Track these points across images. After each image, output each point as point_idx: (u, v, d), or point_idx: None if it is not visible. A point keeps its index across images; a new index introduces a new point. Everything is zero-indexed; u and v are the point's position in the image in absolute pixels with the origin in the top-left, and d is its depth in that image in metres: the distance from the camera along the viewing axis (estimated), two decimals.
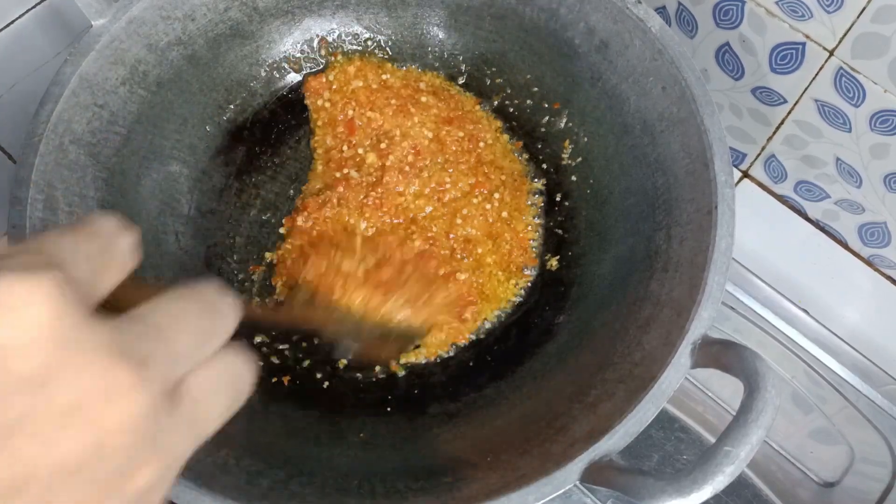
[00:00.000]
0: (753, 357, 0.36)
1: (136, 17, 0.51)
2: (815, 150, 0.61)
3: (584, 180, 0.56)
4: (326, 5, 0.60)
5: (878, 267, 0.65)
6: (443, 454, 0.46)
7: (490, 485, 0.40)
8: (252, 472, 0.42)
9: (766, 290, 0.64)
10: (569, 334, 0.51)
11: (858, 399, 0.61)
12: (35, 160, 0.45)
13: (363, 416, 0.50)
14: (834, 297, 0.65)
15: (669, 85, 0.49)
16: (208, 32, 0.55)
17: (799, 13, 0.53)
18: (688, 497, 0.34)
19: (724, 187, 0.45)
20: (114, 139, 0.51)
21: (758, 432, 0.34)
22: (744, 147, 0.67)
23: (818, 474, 0.59)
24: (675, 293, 0.44)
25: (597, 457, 0.38)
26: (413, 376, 0.52)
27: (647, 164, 0.51)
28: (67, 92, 0.47)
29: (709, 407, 0.60)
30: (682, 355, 0.40)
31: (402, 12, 0.60)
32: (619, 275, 0.51)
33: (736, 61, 0.60)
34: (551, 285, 0.54)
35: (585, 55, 0.55)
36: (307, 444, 0.47)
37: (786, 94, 0.59)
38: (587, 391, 0.44)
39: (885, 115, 0.54)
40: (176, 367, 0.22)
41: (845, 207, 0.63)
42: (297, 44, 0.60)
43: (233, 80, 0.58)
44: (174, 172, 0.55)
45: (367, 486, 0.43)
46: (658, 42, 0.49)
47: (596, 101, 0.55)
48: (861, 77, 0.54)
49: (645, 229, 0.50)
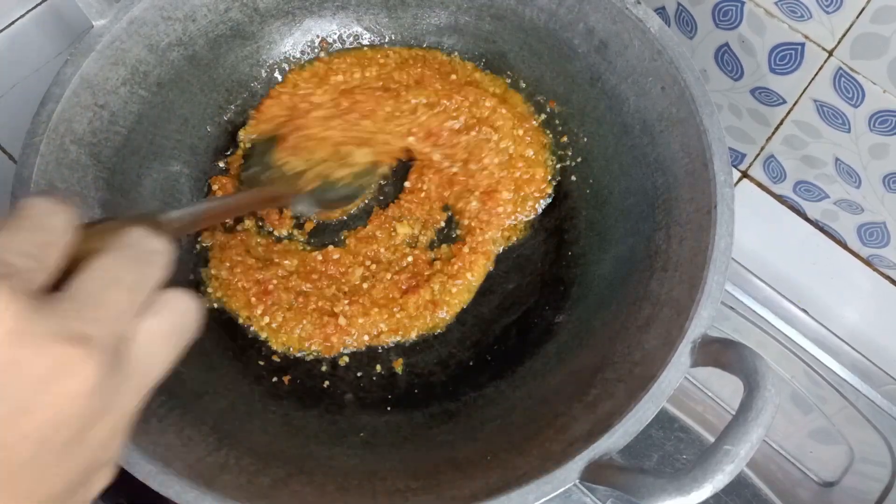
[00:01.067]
0: (753, 356, 0.36)
1: (137, 18, 0.51)
2: (814, 150, 0.61)
3: (584, 180, 0.56)
4: (327, 6, 0.60)
5: (878, 267, 0.66)
6: (443, 454, 0.46)
7: (490, 484, 0.40)
8: (252, 472, 0.42)
9: (766, 289, 0.64)
10: (569, 334, 0.51)
11: (858, 399, 0.61)
12: (36, 160, 0.45)
13: (363, 415, 0.50)
14: (833, 297, 0.65)
15: (669, 85, 0.49)
16: (209, 33, 0.56)
17: (798, 13, 0.53)
18: (688, 496, 0.34)
19: (724, 187, 0.45)
20: (114, 139, 0.51)
21: (757, 431, 0.34)
22: (743, 147, 0.67)
23: (818, 474, 0.59)
24: (674, 293, 0.44)
25: (597, 456, 0.38)
26: (413, 376, 0.52)
27: (646, 164, 0.51)
28: (68, 92, 0.47)
29: (708, 406, 0.60)
30: (682, 354, 0.40)
31: (402, 13, 0.61)
32: (619, 275, 0.51)
33: (735, 62, 0.60)
34: (551, 285, 0.54)
35: (585, 55, 0.55)
36: (307, 443, 0.47)
37: (785, 94, 0.59)
38: (587, 391, 0.45)
39: (885, 116, 0.54)
40: (116, 328, 0.24)
41: (844, 207, 0.63)
42: (297, 44, 0.60)
43: (233, 81, 0.58)
44: (175, 172, 0.55)
45: (368, 485, 0.43)
46: (657, 42, 0.49)
47: (595, 102, 0.56)
48: (860, 77, 0.54)
49: (645, 229, 0.50)
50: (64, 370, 0.22)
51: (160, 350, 0.26)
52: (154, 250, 0.27)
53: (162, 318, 0.26)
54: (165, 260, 0.27)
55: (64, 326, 0.23)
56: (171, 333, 0.26)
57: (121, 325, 0.25)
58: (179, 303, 0.27)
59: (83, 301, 0.24)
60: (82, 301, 0.24)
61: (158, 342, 0.26)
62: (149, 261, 0.26)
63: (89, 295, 0.24)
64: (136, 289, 0.25)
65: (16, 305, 0.22)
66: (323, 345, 0.51)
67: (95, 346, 0.23)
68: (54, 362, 0.22)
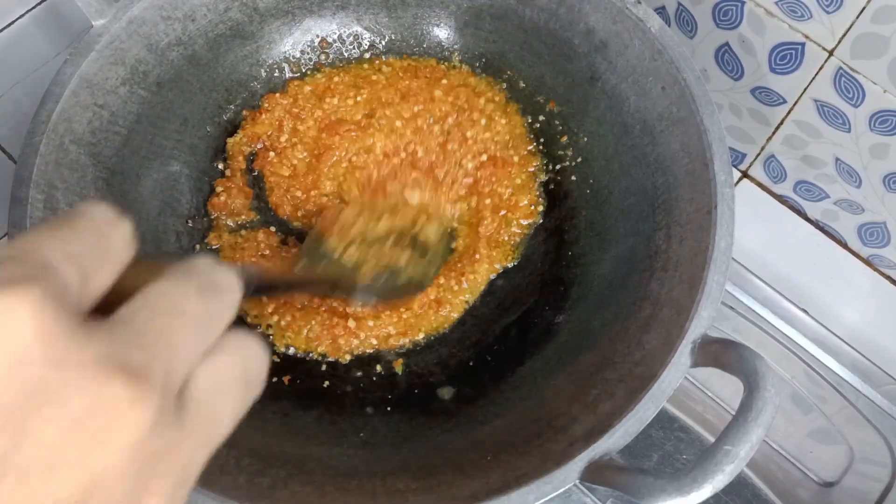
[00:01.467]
0: (753, 356, 0.36)
1: (137, 18, 0.51)
2: (814, 150, 0.61)
3: (584, 180, 0.56)
4: (326, 6, 0.60)
5: (878, 267, 0.66)
6: (443, 454, 0.46)
7: (490, 484, 0.40)
8: (252, 472, 0.42)
9: (766, 289, 0.64)
10: (569, 334, 0.51)
11: (858, 399, 0.61)
12: (35, 160, 0.45)
13: (363, 415, 0.50)
14: (833, 297, 0.65)
15: (669, 85, 0.49)
16: (208, 33, 0.55)
17: (798, 13, 0.53)
18: (688, 496, 0.34)
19: (724, 187, 0.45)
20: (114, 139, 0.51)
21: (757, 431, 0.34)
22: (743, 147, 0.67)
23: (818, 474, 0.59)
24: (674, 293, 0.44)
25: (597, 456, 0.38)
26: (413, 376, 0.52)
27: (646, 164, 0.51)
28: (68, 92, 0.47)
29: (709, 407, 0.60)
30: (682, 355, 0.40)
31: (402, 12, 0.60)
32: (619, 275, 0.51)
33: (735, 61, 0.60)
34: (551, 285, 0.54)
35: (585, 55, 0.55)
36: (307, 443, 0.47)
37: (785, 94, 0.59)
38: (587, 391, 0.45)
39: (885, 116, 0.54)
40: (179, 368, 0.19)
41: (845, 207, 0.63)
42: (297, 44, 0.60)
43: (233, 81, 0.58)
44: (174, 172, 0.55)
45: (368, 486, 0.43)
46: (657, 42, 0.49)
47: (595, 101, 0.56)
48: (860, 77, 0.54)
49: (645, 229, 0.50)
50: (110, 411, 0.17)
51: (229, 399, 0.21)
52: (224, 284, 0.22)
53: (227, 363, 0.21)
54: (236, 298, 0.22)
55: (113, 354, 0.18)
56: (241, 380, 0.22)
57: (185, 367, 0.20)
58: (249, 347, 0.22)
59: (138, 330, 0.19)
60: (137, 330, 0.19)
61: (228, 389, 0.21)
62: (218, 294, 0.21)
63: (150, 324, 0.19)
64: (206, 323, 0.21)
65: (52, 318, 0.17)
66: (330, 346, 0.51)
67: (151, 383, 0.18)
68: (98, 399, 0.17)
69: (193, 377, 0.20)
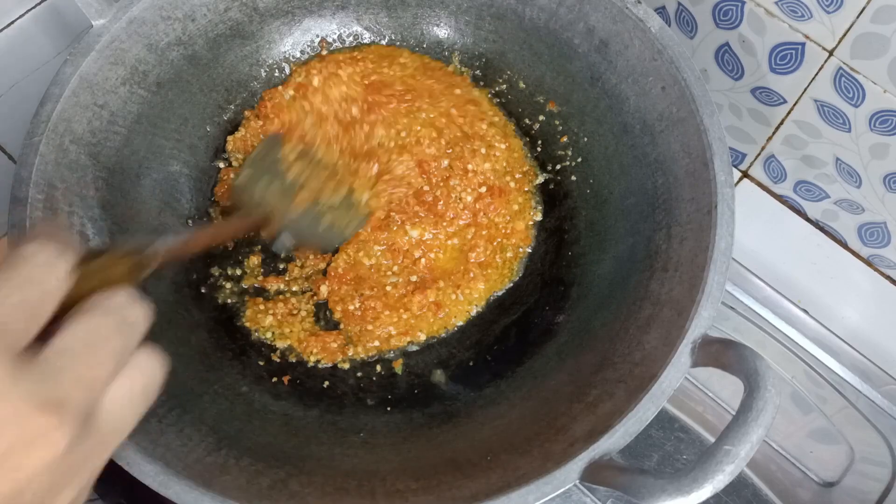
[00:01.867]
0: (753, 356, 0.36)
1: (137, 18, 0.51)
2: (814, 150, 0.61)
3: (584, 180, 0.56)
4: (326, 6, 0.60)
5: (878, 267, 0.66)
6: (443, 454, 0.46)
7: (490, 485, 0.40)
8: (252, 472, 0.42)
9: (766, 289, 0.64)
10: (569, 334, 0.51)
11: (858, 399, 0.61)
12: (35, 160, 0.45)
13: (363, 415, 0.50)
14: (833, 297, 0.65)
15: (669, 85, 0.49)
16: (208, 33, 0.55)
17: (798, 13, 0.53)
18: (688, 496, 0.34)
19: (724, 187, 0.45)
20: (114, 139, 0.51)
21: (758, 431, 0.34)
22: (743, 147, 0.67)
23: (818, 474, 0.59)
24: (674, 293, 0.44)
25: (597, 456, 0.38)
26: (413, 376, 0.52)
27: (646, 164, 0.51)
28: (67, 92, 0.47)
29: (709, 407, 0.60)
30: (682, 355, 0.40)
31: (402, 12, 0.60)
32: (619, 275, 0.51)
33: (735, 61, 0.60)
34: (551, 285, 0.54)
35: (585, 55, 0.55)
36: (307, 443, 0.47)
37: (785, 94, 0.59)
38: (587, 391, 0.44)
39: (885, 115, 0.54)
40: (94, 395, 0.24)
41: (845, 207, 0.63)
42: (297, 44, 0.60)
43: (233, 81, 0.58)
44: (174, 172, 0.55)
45: (367, 486, 0.43)
46: (658, 42, 0.49)
47: (596, 101, 0.56)
48: (860, 77, 0.54)
49: (645, 229, 0.50)
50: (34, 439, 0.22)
51: (128, 412, 0.26)
52: (136, 319, 0.27)
53: (133, 380, 0.26)
54: (145, 328, 0.27)
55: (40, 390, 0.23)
56: (139, 394, 0.27)
57: (98, 392, 0.25)
58: (149, 364, 0.27)
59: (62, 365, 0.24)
60: (62, 365, 0.24)
61: (128, 405, 0.26)
62: (131, 328, 0.27)
63: (70, 357, 0.24)
64: (115, 356, 0.26)
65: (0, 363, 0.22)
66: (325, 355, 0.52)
67: (68, 413, 0.23)
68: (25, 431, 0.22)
69: (104, 395, 0.25)
